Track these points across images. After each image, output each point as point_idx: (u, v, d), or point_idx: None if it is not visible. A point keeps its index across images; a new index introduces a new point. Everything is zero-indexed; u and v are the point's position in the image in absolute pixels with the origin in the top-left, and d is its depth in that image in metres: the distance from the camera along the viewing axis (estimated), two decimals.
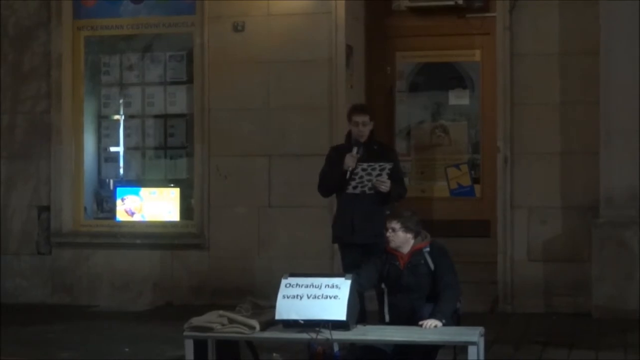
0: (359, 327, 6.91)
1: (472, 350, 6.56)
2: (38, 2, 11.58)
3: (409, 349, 6.87)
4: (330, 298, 6.73)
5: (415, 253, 7.21)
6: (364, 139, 8.29)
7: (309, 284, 6.82)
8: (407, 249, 7.22)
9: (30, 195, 11.62)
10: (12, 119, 11.66)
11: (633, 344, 8.43)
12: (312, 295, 6.77)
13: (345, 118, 10.59)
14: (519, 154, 10.47)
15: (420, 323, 6.86)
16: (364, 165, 8.14)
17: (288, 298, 6.81)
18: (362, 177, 8.15)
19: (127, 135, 11.78)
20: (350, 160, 8.15)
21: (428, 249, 7.22)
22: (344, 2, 10.82)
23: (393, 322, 7.16)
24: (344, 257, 8.33)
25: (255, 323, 6.86)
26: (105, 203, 11.88)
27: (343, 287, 6.76)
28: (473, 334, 6.67)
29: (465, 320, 7.27)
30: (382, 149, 8.44)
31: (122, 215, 11.63)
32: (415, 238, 7.24)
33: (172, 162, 11.68)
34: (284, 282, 6.88)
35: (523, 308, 10.28)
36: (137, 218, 11.59)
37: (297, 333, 6.76)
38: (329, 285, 6.78)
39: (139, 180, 11.71)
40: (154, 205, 11.55)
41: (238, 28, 11.07)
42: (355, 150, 8.21)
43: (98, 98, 11.86)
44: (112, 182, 11.91)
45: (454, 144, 11.53)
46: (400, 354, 6.91)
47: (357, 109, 8.48)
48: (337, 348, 6.98)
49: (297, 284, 6.84)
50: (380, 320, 7.29)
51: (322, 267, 10.30)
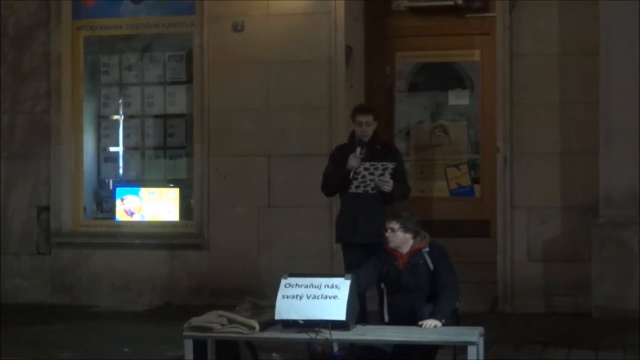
0: (359, 327, 6.91)
1: (471, 350, 6.56)
2: (37, 2, 11.57)
3: (409, 349, 6.87)
4: (330, 298, 6.73)
5: (415, 253, 7.21)
6: (368, 139, 8.30)
7: (309, 284, 6.82)
8: (406, 249, 7.23)
9: (30, 195, 11.62)
10: (11, 119, 11.65)
11: (633, 344, 8.42)
12: (311, 296, 6.77)
13: (345, 118, 10.69)
14: (519, 154, 10.46)
15: (420, 323, 6.86)
16: (366, 165, 8.14)
17: (288, 298, 6.80)
18: (364, 176, 8.15)
19: (126, 135, 11.77)
20: (354, 160, 8.16)
21: (427, 249, 7.23)
22: (344, 2, 10.81)
23: (392, 322, 7.16)
24: (346, 256, 8.33)
25: (255, 323, 6.86)
26: (105, 203, 11.88)
27: (342, 287, 6.77)
28: (473, 334, 6.67)
29: (465, 320, 7.27)
30: (385, 149, 8.45)
31: (121, 215, 11.63)
32: (415, 238, 7.24)
33: (171, 162, 11.67)
34: (284, 282, 6.88)
35: (523, 308, 10.28)
36: (136, 218, 11.58)
37: (296, 333, 6.76)
38: (329, 286, 6.78)
39: (139, 180, 11.71)
40: (154, 205, 11.54)
41: (238, 28, 11.07)
42: (359, 151, 8.21)
43: (97, 98, 11.85)
44: (111, 182, 11.90)
45: (454, 144, 11.53)
46: (400, 354, 6.91)
47: (361, 109, 8.50)
48: (336, 348, 6.97)
49: (296, 284, 6.84)
50: (380, 321, 7.29)
51: (321, 267, 10.29)
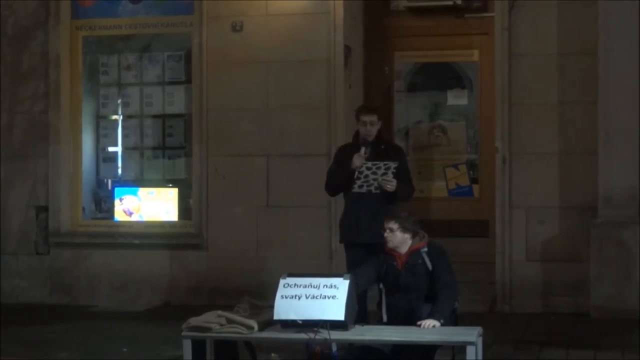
0: (357, 327, 6.91)
1: (470, 351, 6.55)
2: (36, 2, 11.56)
3: (407, 349, 6.87)
4: (329, 298, 6.73)
5: (413, 253, 7.21)
6: (372, 139, 8.32)
7: (307, 284, 6.81)
8: (404, 249, 7.22)
9: (29, 195, 11.61)
10: (10, 119, 11.64)
11: (632, 344, 8.42)
12: (310, 296, 6.77)
13: (344, 118, 10.73)
14: (518, 154, 10.46)
15: (419, 323, 6.85)
16: (369, 164, 8.17)
17: (286, 298, 6.80)
18: (367, 176, 8.17)
19: (125, 135, 11.76)
20: (358, 160, 8.18)
21: (426, 249, 7.22)
22: (343, 2, 10.81)
23: (391, 322, 7.16)
24: (349, 256, 8.34)
25: (254, 323, 6.85)
26: (104, 203, 11.87)
27: (341, 287, 6.76)
28: (471, 334, 6.67)
29: (464, 321, 7.27)
30: (389, 149, 8.47)
31: (120, 215, 11.62)
32: (413, 238, 7.24)
33: (170, 162, 11.67)
34: (282, 282, 6.88)
35: (521, 308, 10.28)
36: (135, 218, 11.58)
37: (295, 333, 6.76)
38: (327, 286, 6.78)
39: (137, 180, 11.70)
40: (152, 205, 11.54)
41: (236, 28, 11.07)
42: (363, 150, 8.24)
43: (96, 98, 11.84)
44: (110, 182, 11.89)
45: (453, 144, 11.52)
46: (399, 354, 6.91)
47: (365, 109, 8.55)
48: (335, 348, 6.97)
49: (295, 284, 6.84)
50: (378, 321, 7.28)
51: (320, 267, 10.29)
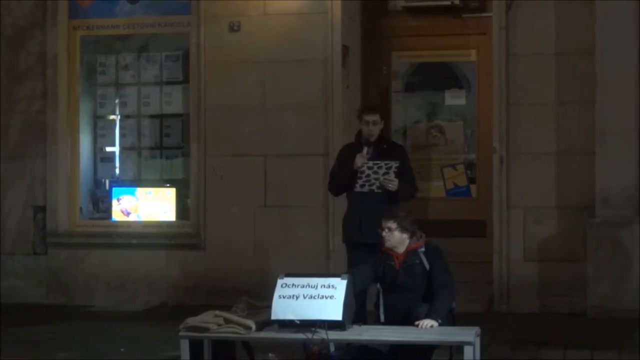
0: (355, 327, 6.91)
1: (468, 350, 6.56)
2: (33, 2, 11.54)
3: (405, 349, 6.87)
4: (326, 298, 6.74)
5: (411, 253, 7.21)
6: (374, 138, 8.33)
7: (305, 284, 6.82)
8: (402, 249, 7.23)
9: (26, 195, 11.60)
10: (7, 119, 11.63)
11: (629, 344, 8.43)
12: (308, 295, 6.77)
13: (342, 118, 10.74)
14: (515, 154, 10.47)
15: (416, 323, 6.86)
16: (370, 164, 8.19)
17: (284, 298, 6.80)
18: (368, 175, 8.20)
19: (123, 135, 11.76)
20: (360, 160, 8.21)
21: (423, 249, 7.23)
22: (340, 2, 10.80)
23: (388, 322, 7.16)
24: (351, 255, 8.34)
25: (251, 323, 6.86)
26: (101, 203, 11.86)
27: (339, 287, 6.77)
28: (469, 334, 6.67)
29: (461, 320, 7.27)
30: (391, 148, 8.50)
31: (118, 216, 11.62)
32: (411, 238, 7.25)
33: (168, 162, 11.66)
34: (280, 282, 6.88)
35: (519, 308, 10.28)
36: (133, 218, 11.57)
37: (293, 333, 6.76)
38: (325, 285, 6.78)
39: (135, 180, 11.69)
40: (150, 205, 11.53)
41: (234, 28, 11.06)
42: (366, 150, 8.25)
43: (94, 98, 11.84)
44: (108, 182, 11.88)
45: (450, 144, 11.51)
46: (396, 354, 6.91)
47: (367, 108, 8.61)
48: (333, 348, 6.97)
49: (293, 284, 6.84)
50: (376, 321, 7.29)
51: (318, 267, 10.28)
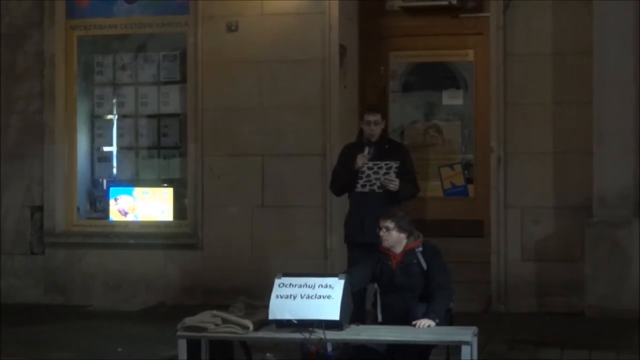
0: (353, 326, 6.91)
1: (465, 350, 6.56)
2: (31, 1, 11.53)
3: (403, 349, 6.86)
4: (324, 298, 6.73)
5: (408, 253, 7.21)
6: (375, 138, 8.34)
7: (303, 284, 6.81)
8: (399, 249, 7.23)
9: (23, 195, 11.59)
10: (5, 119, 11.61)
11: (627, 344, 8.43)
12: (305, 295, 6.77)
13: (339, 118, 10.74)
14: (513, 154, 10.47)
15: (414, 323, 6.86)
16: (370, 164, 8.21)
17: (281, 298, 6.80)
18: (369, 175, 8.21)
19: (120, 135, 11.76)
20: (361, 160, 8.23)
21: (421, 249, 7.23)
22: (338, 2, 10.80)
23: (386, 322, 7.16)
24: (351, 255, 8.34)
25: (249, 323, 6.85)
26: (99, 203, 11.85)
27: (336, 287, 6.76)
28: (467, 334, 6.67)
29: (459, 320, 7.27)
30: (393, 148, 8.49)
31: (115, 215, 11.61)
32: (408, 238, 7.25)
33: (165, 161, 11.66)
34: (278, 282, 6.88)
35: (516, 308, 10.28)
36: (130, 218, 11.57)
37: (290, 333, 6.76)
38: (323, 285, 6.78)
39: (133, 180, 11.69)
40: (148, 205, 11.53)
41: (232, 28, 11.06)
42: (367, 150, 8.26)
43: (91, 98, 11.83)
44: (105, 181, 11.88)
45: (448, 144, 11.52)
46: (394, 354, 6.91)
47: (369, 108, 8.61)
48: (330, 348, 6.98)
49: (290, 284, 6.84)
50: (373, 320, 7.29)
51: (315, 267, 10.28)
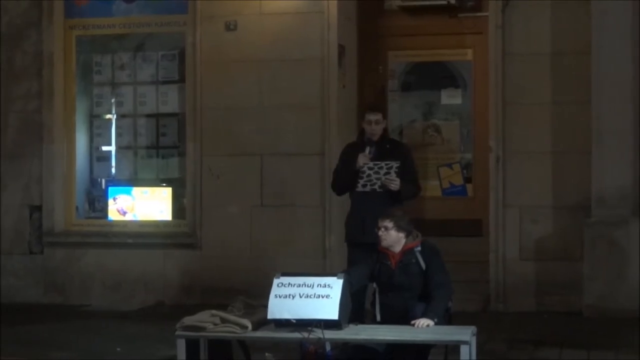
0: (351, 326, 6.91)
1: (464, 350, 6.56)
2: (29, 1, 11.52)
3: (401, 348, 6.86)
4: (323, 297, 6.73)
5: (407, 252, 7.21)
6: (376, 138, 8.34)
7: (301, 284, 6.82)
8: (398, 248, 7.23)
9: (22, 195, 11.58)
10: (3, 118, 11.61)
11: (625, 344, 8.43)
12: (304, 295, 6.77)
13: (338, 117, 10.74)
14: (511, 154, 10.47)
15: (413, 322, 6.86)
16: (370, 164, 8.21)
17: (280, 297, 6.80)
18: (369, 175, 8.22)
19: (119, 135, 11.75)
20: (362, 160, 8.22)
21: (419, 248, 7.23)
22: (336, 1, 10.80)
23: (385, 321, 7.16)
24: (352, 255, 8.33)
25: (248, 322, 6.85)
26: (97, 202, 11.85)
27: (335, 286, 6.76)
28: (465, 333, 6.67)
29: (457, 320, 7.28)
30: (394, 147, 8.48)
31: (114, 215, 11.61)
32: (407, 237, 7.25)
33: (164, 161, 11.66)
34: (276, 281, 6.88)
35: (515, 307, 10.29)
36: (129, 217, 11.57)
37: (289, 332, 6.76)
38: (321, 285, 6.78)
39: (131, 180, 11.69)
40: (146, 205, 11.53)
41: (230, 27, 11.06)
42: (368, 150, 8.26)
43: (90, 97, 11.83)
44: (104, 181, 11.88)
45: (446, 143, 11.52)
46: (392, 353, 6.91)
47: (370, 108, 8.59)
48: (329, 347, 6.97)
49: (289, 284, 6.84)
50: (372, 320, 7.29)
51: (314, 266, 10.29)
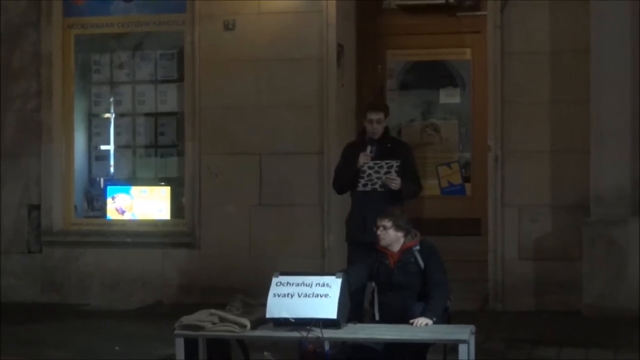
0: (350, 325, 6.91)
1: (462, 349, 6.56)
2: (28, 0, 11.52)
3: (400, 347, 6.87)
4: (321, 296, 6.73)
5: (406, 251, 7.21)
6: (377, 137, 8.34)
7: (300, 283, 6.82)
8: (397, 248, 7.23)
9: (21, 194, 11.58)
10: (2, 118, 11.61)
11: (624, 343, 8.43)
12: (302, 294, 6.77)
13: (336, 116, 10.74)
14: (510, 153, 10.47)
15: (411, 321, 6.87)
16: (371, 164, 8.21)
17: (279, 296, 6.80)
18: (370, 175, 8.23)
19: (117, 134, 11.75)
20: (362, 159, 8.23)
21: (418, 248, 7.23)
22: (335, 1, 10.80)
23: (383, 320, 7.16)
24: (352, 254, 8.34)
25: (246, 321, 6.85)
26: (96, 201, 11.85)
27: (334, 285, 6.77)
28: (464, 332, 6.67)
29: (456, 319, 7.28)
30: (395, 147, 8.48)
31: (112, 214, 11.61)
32: (406, 236, 7.25)
33: (162, 160, 11.66)
34: (275, 280, 6.88)
35: (513, 306, 10.29)
36: (127, 216, 11.57)
37: (288, 331, 6.76)
38: (320, 284, 6.78)
39: (130, 179, 11.69)
40: (145, 204, 11.53)
41: (229, 26, 11.06)
42: (369, 149, 8.26)
43: (88, 96, 11.83)
44: (102, 180, 11.88)
45: (445, 143, 11.52)
46: (391, 352, 6.91)
47: (371, 107, 8.57)
48: (327, 346, 6.97)
49: (287, 283, 6.84)
50: (371, 319, 7.29)
51: (313, 265, 10.29)
